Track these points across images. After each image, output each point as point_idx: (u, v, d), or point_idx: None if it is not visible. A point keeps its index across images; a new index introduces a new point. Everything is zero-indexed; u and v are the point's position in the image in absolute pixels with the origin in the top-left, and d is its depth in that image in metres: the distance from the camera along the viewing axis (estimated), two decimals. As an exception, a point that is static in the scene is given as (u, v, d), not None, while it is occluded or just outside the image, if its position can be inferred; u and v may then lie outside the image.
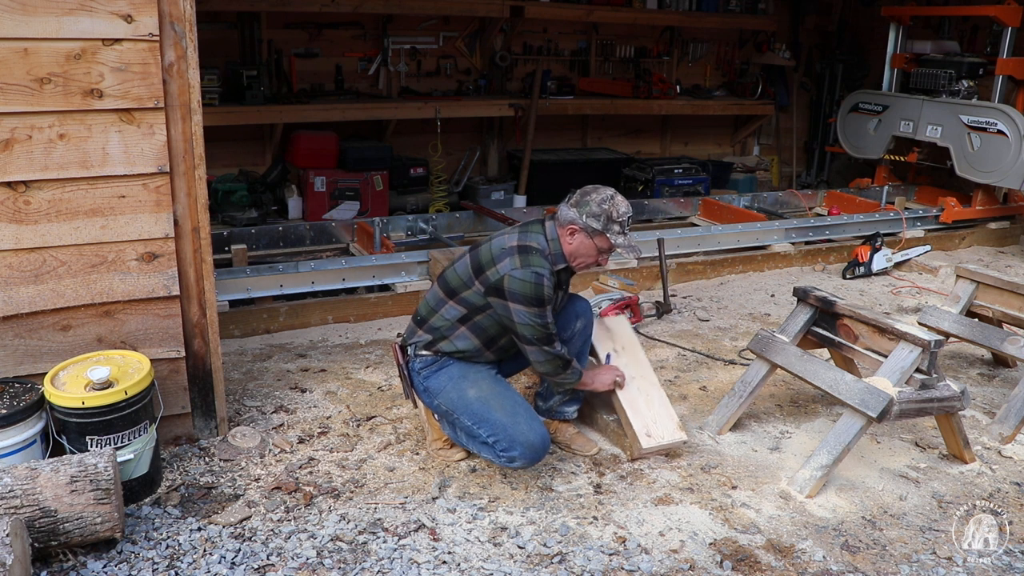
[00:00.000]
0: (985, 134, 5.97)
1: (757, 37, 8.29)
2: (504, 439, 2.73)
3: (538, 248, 2.74)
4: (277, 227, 5.17)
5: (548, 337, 2.73)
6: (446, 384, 2.84)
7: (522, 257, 2.70)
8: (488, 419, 2.77)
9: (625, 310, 4.33)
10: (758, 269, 5.58)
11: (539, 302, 2.67)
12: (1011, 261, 6.13)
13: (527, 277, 2.66)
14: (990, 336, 3.57)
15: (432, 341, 2.86)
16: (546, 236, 2.79)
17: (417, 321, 2.93)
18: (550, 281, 2.70)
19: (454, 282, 2.83)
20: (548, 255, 2.75)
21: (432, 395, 2.88)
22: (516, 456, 2.74)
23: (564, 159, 7.17)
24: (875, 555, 2.58)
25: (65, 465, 2.35)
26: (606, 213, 2.73)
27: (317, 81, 6.48)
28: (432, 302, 2.88)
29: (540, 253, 2.73)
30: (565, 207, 2.79)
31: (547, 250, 2.76)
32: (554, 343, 2.75)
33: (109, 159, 2.63)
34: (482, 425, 2.78)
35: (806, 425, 3.43)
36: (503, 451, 2.75)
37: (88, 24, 2.49)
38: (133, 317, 2.82)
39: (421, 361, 2.89)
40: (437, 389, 2.86)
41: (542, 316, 2.69)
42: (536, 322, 2.69)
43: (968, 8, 6.55)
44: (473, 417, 2.79)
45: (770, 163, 8.69)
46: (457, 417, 2.83)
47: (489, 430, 2.77)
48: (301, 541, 2.52)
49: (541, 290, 2.66)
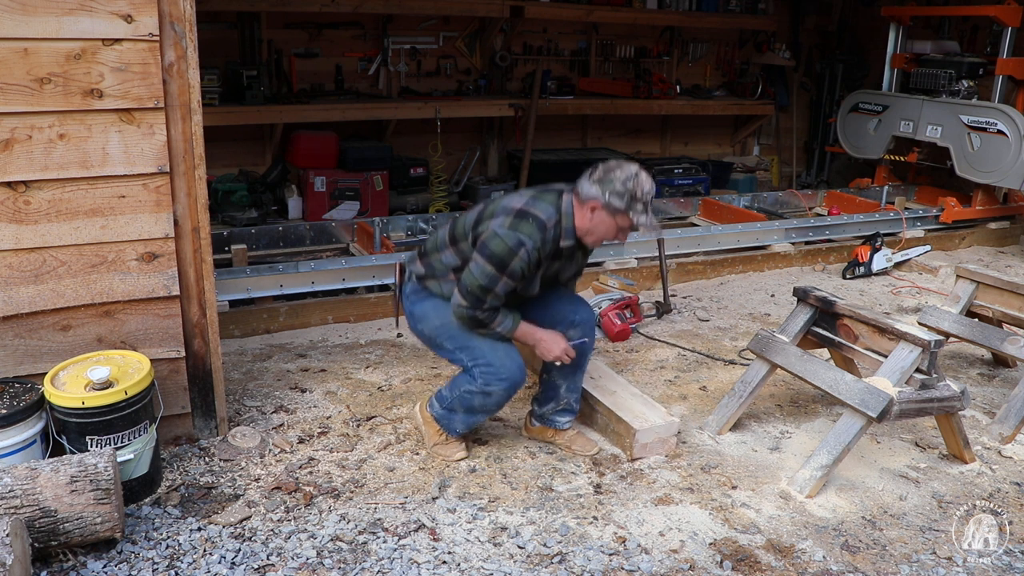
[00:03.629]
0: (985, 134, 5.97)
1: (757, 37, 8.29)
2: (484, 367, 2.78)
3: (540, 218, 2.66)
4: (277, 227, 5.17)
5: (478, 301, 2.67)
6: (430, 312, 2.87)
7: (515, 221, 2.64)
8: (469, 346, 2.81)
9: (625, 310, 4.33)
10: (758, 269, 5.58)
11: (501, 266, 2.61)
12: (1011, 261, 6.13)
13: (507, 239, 2.60)
14: (990, 336, 3.57)
15: (425, 276, 2.89)
16: (559, 209, 2.71)
17: (421, 252, 2.95)
18: (531, 256, 2.63)
19: (458, 231, 2.82)
20: (551, 228, 2.67)
21: (416, 320, 2.92)
22: (494, 390, 2.80)
23: (564, 159, 7.17)
24: (875, 555, 2.58)
25: (65, 465, 2.35)
26: (630, 192, 2.64)
27: (317, 81, 6.47)
28: (439, 242, 2.88)
29: (538, 224, 2.64)
30: (587, 182, 2.69)
31: (552, 222, 2.68)
32: (478, 310, 2.68)
33: (109, 159, 2.63)
34: (464, 351, 2.82)
35: (806, 425, 3.42)
36: (483, 380, 2.80)
37: (88, 24, 2.49)
38: (133, 317, 2.82)
39: (412, 287, 2.94)
40: (421, 315, 2.89)
41: (492, 280, 2.62)
42: (481, 281, 2.63)
43: (968, 8, 6.54)
44: (455, 342, 2.82)
45: (770, 163, 8.69)
46: (440, 343, 2.87)
47: (471, 357, 2.81)
48: (301, 541, 2.52)
49: (511, 258, 2.60)
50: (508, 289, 2.68)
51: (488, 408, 2.92)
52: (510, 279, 2.65)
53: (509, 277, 2.64)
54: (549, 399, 3.10)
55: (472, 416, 2.94)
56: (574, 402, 3.11)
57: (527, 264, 2.64)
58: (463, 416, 2.94)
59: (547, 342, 2.86)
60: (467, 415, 2.94)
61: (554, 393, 3.10)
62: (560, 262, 2.86)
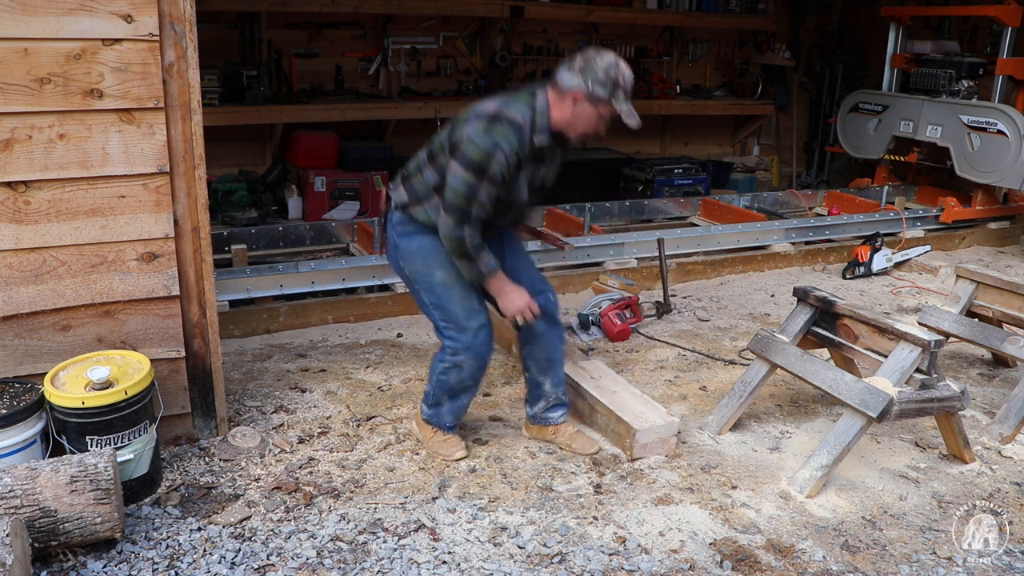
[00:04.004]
0: (985, 134, 5.97)
1: (757, 37, 8.29)
2: (455, 333, 2.81)
3: (515, 120, 2.59)
4: (277, 227, 5.16)
5: (463, 214, 2.60)
6: (416, 253, 2.80)
7: (488, 125, 2.58)
8: (446, 308, 2.80)
9: (625, 310, 4.33)
10: (758, 269, 5.58)
11: (480, 171, 2.56)
12: (1011, 261, 6.13)
13: (482, 144, 2.55)
14: (990, 336, 3.57)
15: (409, 203, 2.78)
16: (533, 108, 2.65)
17: (404, 176, 2.86)
18: (509, 158, 2.57)
19: (435, 147, 2.76)
20: (526, 129, 2.61)
21: (401, 255, 2.85)
22: (463, 360, 2.83)
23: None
24: (875, 555, 2.58)
25: (65, 465, 2.35)
26: (612, 80, 2.58)
27: (317, 81, 6.48)
28: (419, 163, 2.82)
29: (513, 126, 2.58)
30: (567, 73, 2.62)
31: (527, 122, 2.62)
32: (465, 225, 2.61)
33: (109, 159, 2.63)
34: (439, 310, 2.82)
35: (806, 425, 3.42)
36: (451, 348, 2.83)
37: (88, 24, 2.49)
38: (133, 317, 2.82)
39: (398, 217, 2.83)
40: (407, 252, 2.83)
41: (472, 188, 2.57)
42: (462, 190, 2.57)
43: (968, 8, 6.54)
44: (433, 297, 2.82)
45: (770, 163, 8.69)
46: (418, 291, 2.85)
47: (444, 318, 2.82)
48: (301, 541, 2.52)
49: (489, 161, 2.55)
50: (491, 197, 2.61)
51: (465, 384, 2.93)
52: (491, 184, 2.59)
53: (490, 183, 2.58)
54: (537, 398, 3.11)
55: (455, 400, 2.98)
56: (562, 395, 3.13)
57: (506, 167, 2.58)
58: (448, 405, 2.98)
59: (512, 294, 2.78)
60: (451, 401, 2.98)
61: (540, 391, 3.10)
62: (544, 166, 2.80)
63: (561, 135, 2.73)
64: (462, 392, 2.98)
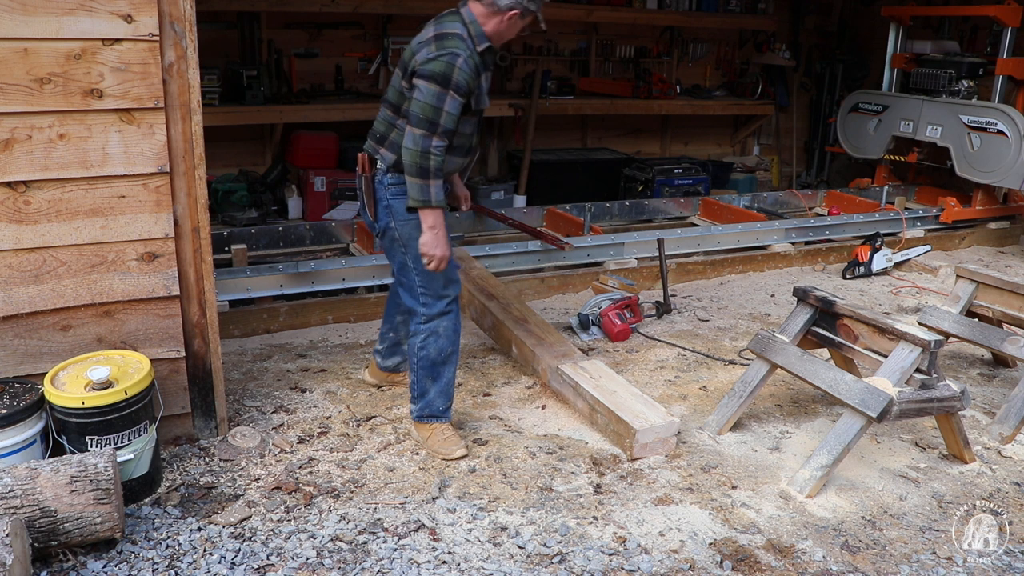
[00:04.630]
0: (985, 134, 5.97)
1: (757, 37, 8.29)
2: (431, 300, 2.94)
3: (457, 33, 2.72)
4: (277, 227, 5.16)
5: (432, 125, 2.66)
6: (411, 218, 2.84)
7: (438, 43, 2.69)
8: (432, 278, 2.90)
9: (625, 310, 4.33)
10: (758, 269, 5.58)
11: (445, 82, 2.64)
12: (1011, 261, 6.13)
13: (441, 57, 2.65)
14: (990, 336, 3.57)
15: (398, 160, 2.82)
16: (463, 21, 2.77)
17: (377, 139, 2.93)
18: (467, 64, 2.67)
19: (394, 98, 2.85)
20: (467, 38, 2.73)
21: (392, 215, 2.89)
22: (436, 327, 2.96)
23: (564, 159, 7.17)
24: (875, 555, 2.58)
25: (65, 465, 2.35)
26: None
27: (317, 81, 6.47)
28: (388, 119, 2.90)
29: (459, 37, 2.71)
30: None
31: (465, 33, 2.74)
32: (436, 137, 2.68)
33: (109, 159, 2.63)
34: (422, 275, 2.90)
35: (806, 425, 3.43)
36: (424, 315, 2.95)
37: (88, 24, 2.49)
38: (133, 317, 2.82)
39: (391, 178, 2.88)
40: (400, 214, 2.87)
41: (440, 99, 2.65)
42: (430, 101, 2.65)
43: (968, 8, 6.54)
44: (418, 262, 2.87)
45: (770, 163, 8.69)
46: (404, 249, 2.90)
47: (424, 283, 2.92)
48: (301, 541, 2.52)
49: (452, 70, 2.64)
50: (457, 107, 2.69)
51: (445, 352, 2.99)
52: (457, 93, 2.67)
53: (455, 91, 2.66)
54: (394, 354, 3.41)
55: (439, 379, 3.02)
56: None
57: (469, 74, 2.68)
58: (434, 387, 3.03)
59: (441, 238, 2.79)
60: (435, 382, 3.02)
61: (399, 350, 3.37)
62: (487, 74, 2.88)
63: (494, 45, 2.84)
64: (444, 364, 3.02)
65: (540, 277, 4.91)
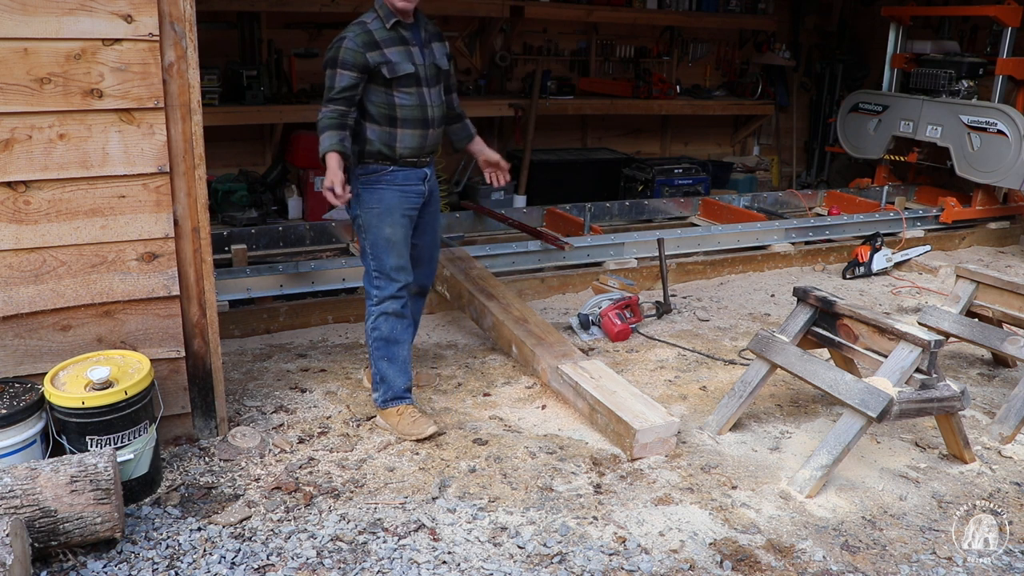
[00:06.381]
0: (985, 134, 5.97)
1: (757, 37, 8.29)
2: (382, 282, 3.13)
3: (358, 21, 2.98)
4: (277, 227, 5.16)
5: (327, 100, 2.98)
6: (374, 207, 3.09)
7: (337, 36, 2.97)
8: (381, 259, 3.11)
9: (625, 310, 4.33)
10: (758, 269, 5.58)
11: (333, 63, 2.93)
12: (1011, 261, 6.13)
13: (332, 45, 2.96)
14: (990, 336, 3.57)
15: (362, 151, 3.09)
16: (375, 7, 3.00)
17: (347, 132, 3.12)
18: (353, 42, 2.91)
19: None
20: (370, 21, 2.96)
21: (359, 203, 3.11)
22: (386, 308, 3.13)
23: (564, 159, 7.17)
24: (875, 555, 2.58)
25: (65, 465, 2.35)
26: None
27: (317, 81, 6.46)
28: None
29: (358, 23, 2.97)
30: None
31: (371, 17, 2.98)
32: (324, 106, 2.99)
33: (109, 159, 2.63)
34: (376, 260, 3.12)
35: (806, 425, 3.43)
36: (376, 296, 3.14)
37: (88, 24, 2.50)
38: (133, 317, 2.82)
39: (360, 169, 3.11)
40: (367, 202, 3.09)
41: (331, 77, 2.95)
42: (326, 83, 2.97)
43: (968, 8, 6.55)
44: (374, 248, 3.11)
45: (770, 163, 8.69)
46: (364, 235, 3.14)
47: (377, 268, 3.13)
48: (301, 541, 2.52)
49: (338, 51, 2.92)
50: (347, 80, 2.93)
51: (396, 330, 3.16)
52: (343, 68, 2.93)
53: (342, 67, 2.93)
54: None
55: (395, 360, 3.17)
56: None
57: (354, 51, 2.91)
58: (391, 368, 3.16)
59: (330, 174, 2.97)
60: (390, 363, 3.17)
61: None
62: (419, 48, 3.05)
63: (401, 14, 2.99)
64: (397, 344, 3.17)
65: (540, 277, 4.91)
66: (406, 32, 3.02)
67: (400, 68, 2.99)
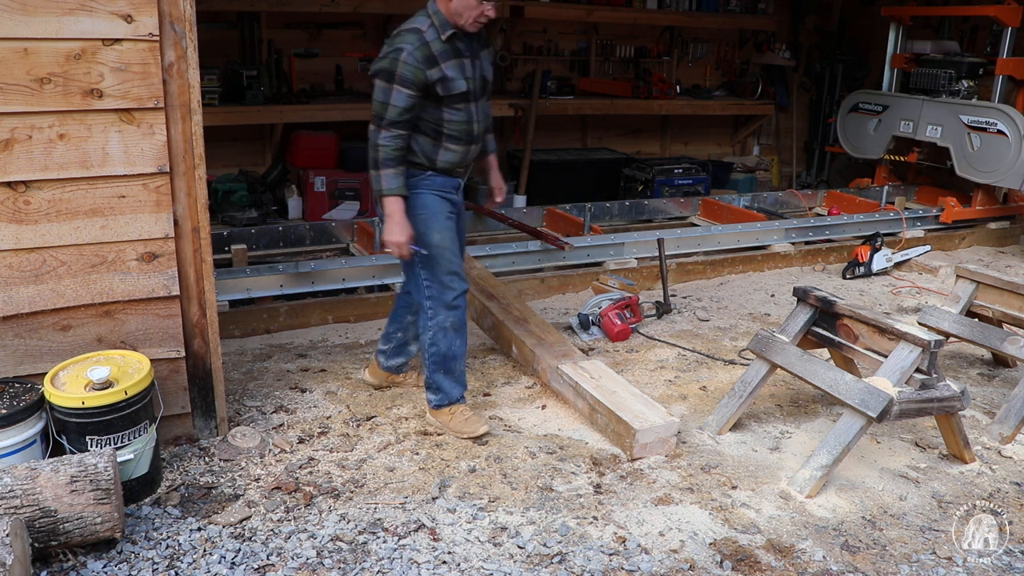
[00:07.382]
0: (985, 134, 5.97)
1: (757, 37, 8.29)
2: (436, 292, 3.01)
3: (411, 28, 2.83)
4: (277, 227, 5.17)
5: (379, 118, 2.84)
6: (419, 212, 2.97)
7: (389, 42, 2.83)
8: (434, 270, 3.00)
9: (625, 310, 4.33)
10: (758, 269, 5.58)
11: (389, 76, 2.78)
12: (1011, 261, 6.13)
13: (387, 54, 2.80)
14: (990, 336, 3.57)
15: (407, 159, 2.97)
16: (428, 13, 2.87)
17: None
18: (412, 56, 2.77)
19: None
20: (425, 31, 2.82)
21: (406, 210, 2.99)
22: (442, 321, 3.02)
23: (564, 159, 7.17)
24: (875, 555, 2.58)
25: (65, 465, 2.35)
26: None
27: (317, 81, 6.47)
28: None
29: (410, 31, 2.81)
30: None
31: (426, 26, 2.83)
32: (383, 129, 2.83)
33: (109, 159, 2.63)
34: (427, 269, 3.00)
35: (806, 425, 3.43)
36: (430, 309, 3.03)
37: (88, 24, 2.49)
38: (133, 317, 2.82)
39: None
40: (411, 209, 2.95)
41: (386, 94, 2.80)
42: (379, 98, 2.82)
43: (968, 8, 6.55)
44: (423, 257, 2.98)
45: (770, 163, 8.69)
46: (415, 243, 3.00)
47: (429, 277, 3.01)
48: (301, 541, 2.52)
49: (395, 64, 2.76)
50: (404, 99, 2.80)
51: (454, 345, 3.06)
52: (402, 86, 2.79)
53: (400, 84, 2.78)
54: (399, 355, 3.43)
55: (452, 373, 3.11)
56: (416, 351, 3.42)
57: (414, 66, 2.77)
58: (449, 381, 3.11)
59: (395, 225, 2.89)
60: (447, 376, 3.10)
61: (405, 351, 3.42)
62: (469, 60, 2.94)
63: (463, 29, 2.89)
64: (454, 359, 3.10)
65: (540, 277, 4.91)
66: (461, 44, 2.90)
67: (455, 86, 2.88)
